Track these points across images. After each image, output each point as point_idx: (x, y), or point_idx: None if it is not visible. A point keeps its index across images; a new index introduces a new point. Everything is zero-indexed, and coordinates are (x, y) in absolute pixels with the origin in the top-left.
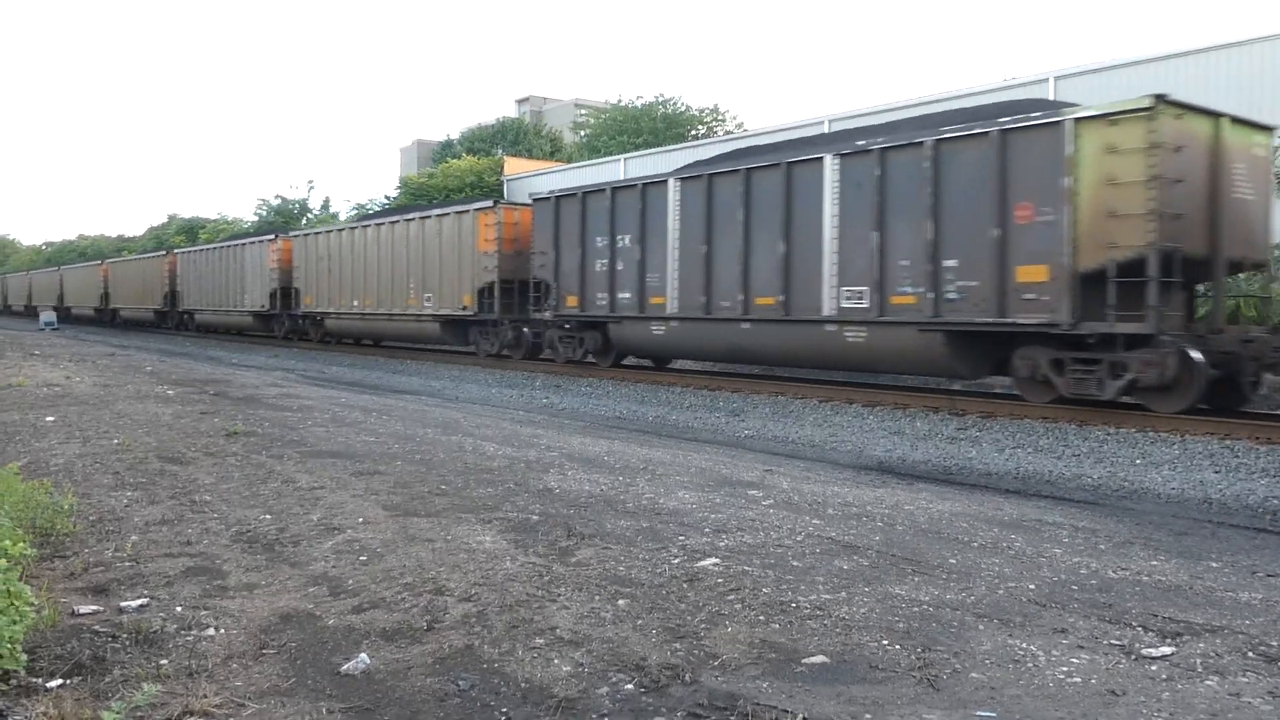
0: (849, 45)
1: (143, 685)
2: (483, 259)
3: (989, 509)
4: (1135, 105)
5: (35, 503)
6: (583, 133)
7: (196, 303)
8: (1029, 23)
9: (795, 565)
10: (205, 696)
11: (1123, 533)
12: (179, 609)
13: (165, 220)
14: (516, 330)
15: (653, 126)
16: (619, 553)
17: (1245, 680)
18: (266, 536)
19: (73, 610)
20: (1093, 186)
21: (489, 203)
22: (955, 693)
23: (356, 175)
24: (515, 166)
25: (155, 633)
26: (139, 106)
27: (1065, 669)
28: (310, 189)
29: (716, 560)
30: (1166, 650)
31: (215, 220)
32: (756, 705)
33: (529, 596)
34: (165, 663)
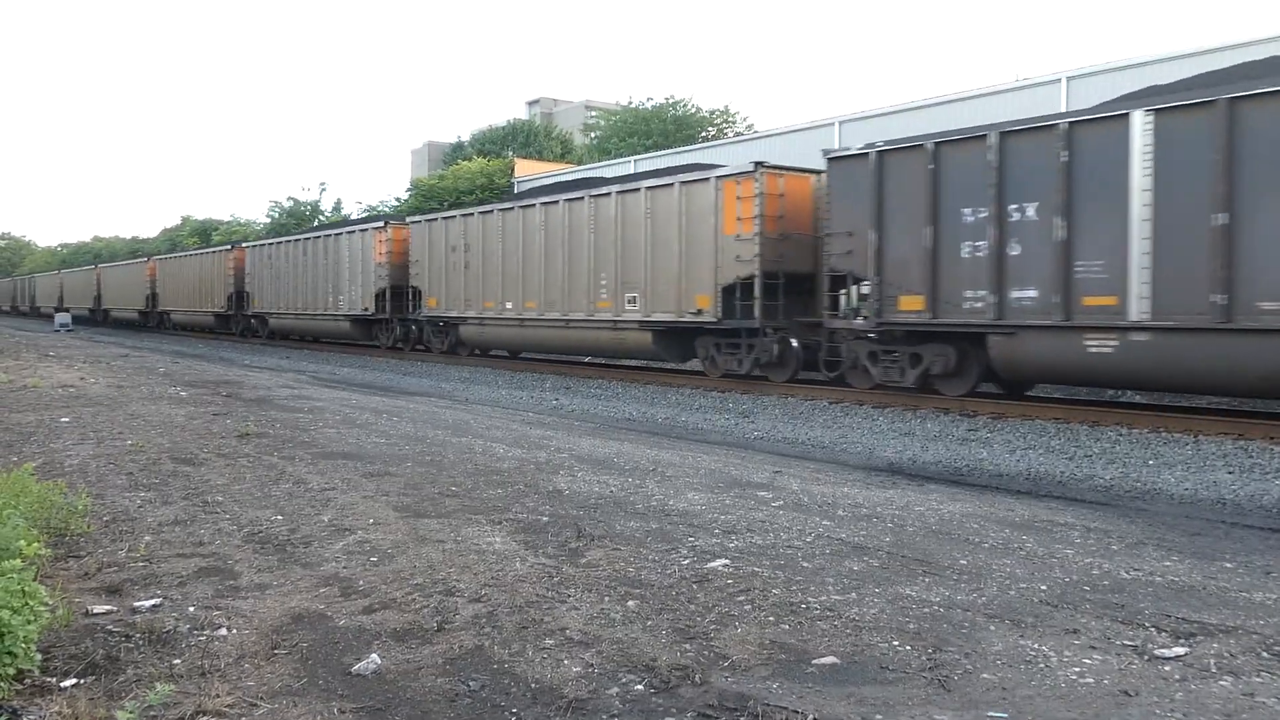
0: (859, 46)
1: (156, 685)
2: (735, 246)
3: (1000, 510)
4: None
5: (50, 503)
6: (593, 134)
7: (272, 305)
8: (1042, 24)
9: (805, 566)
10: (218, 696)
11: (1135, 533)
12: (192, 609)
13: (179, 222)
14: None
15: (663, 128)
16: (629, 554)
17: (1259, 680)
18: (278, 537)
19: (87, 610)
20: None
21: (748, 168)
22: (967, 693)
23: (368, 177)
24: (526, 168)
25: (168, 633)
26: (152, 109)
27: (1077, 669)
28: (323, 190)
29: (726, 561)
30: (1180, 651)
31: (228, 222)
32: (767, 706)
33: (539, 597)
34: (178, 662)
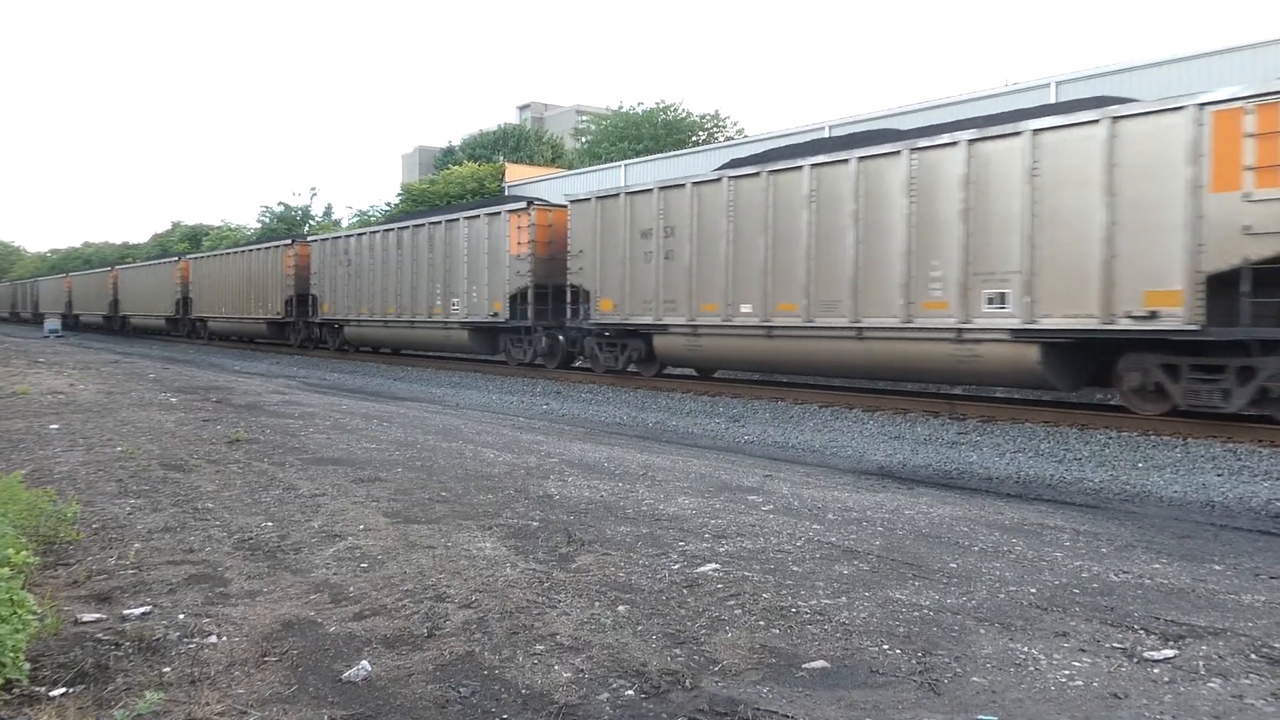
0: (850, 51)
1: (145, 693)
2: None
3: (990, 513)
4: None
5: (39, 510)
6: (584, 139)
7: (347, 310)
8: (1032, 28)
9: (795, 570)
10: (208, 704)
11: (1124, 536)
12: (181, 616)
13: (169, 227)
14: None
15: (654, 133)
16: (619, 559)
17: (1248, 682)
18: (268, 544)
19: (76, 618)
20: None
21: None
22: (956, 696)
23: (359, 182)
24: (517, 173)
25: (158, 640)
26: (142, 114)
27: (1067, 672)
28: (313, 195)
29: (716, 566)
30: (1169, 653)
31: (219, 227)
32: (757, 710)
33: (529, 603)
34: (168, 670)
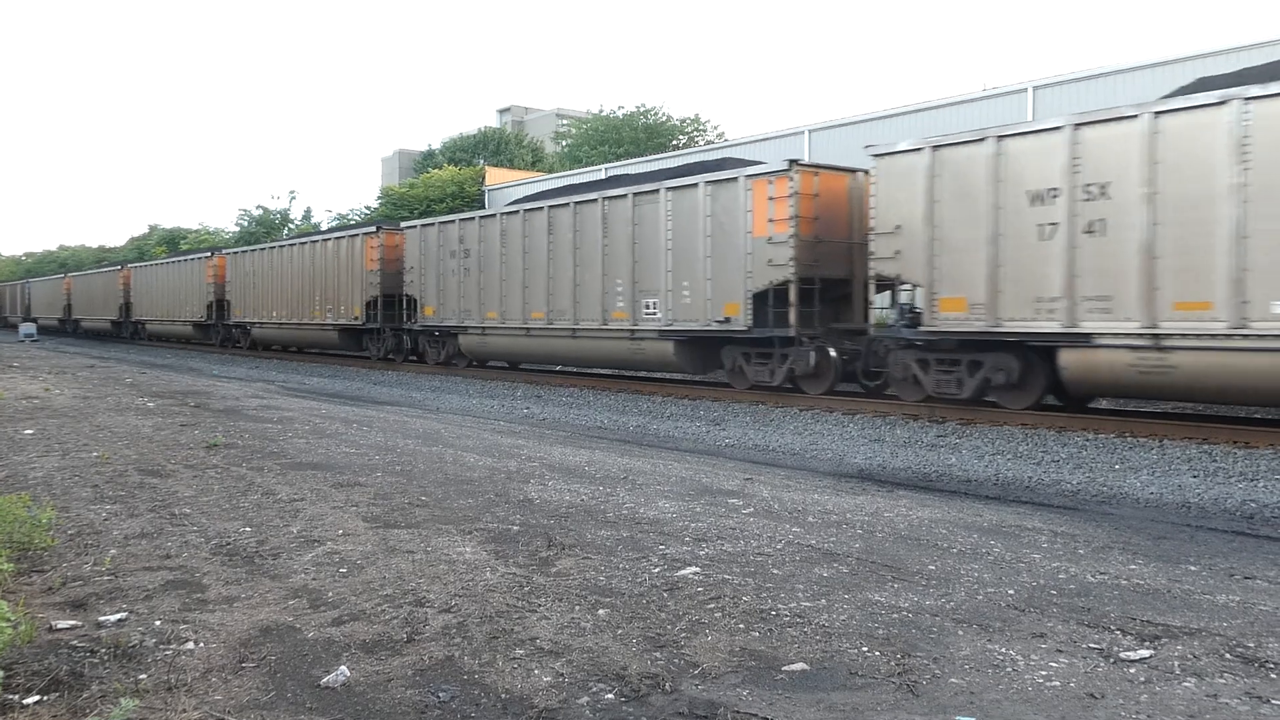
0: (831, 56)
1: (121, 700)
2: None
3: (968, 515)
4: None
5: (13, 517)
6: (564, 142)
7: (454, 313)
8: (1009, 32)
9: (775, 573)
10: (184, 711)
11: (1101, 537)
12: (158, 623)
13: (146, 231)
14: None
15: (634, 136)
16: (599, 562)
17: (1223, 681)
18: (246, 549)
19: (50, 625)
20: None
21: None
22: (935, 698)
23: (338, 185)
24: (497, 176)
25: (134, 647)
26: (118, 116)
27: (1044, 673)
28: (292, 199)
29: (697, 569)
30: (1145, 653)
31: (197, 231)
32: (737, 713)
33: (509, 607)
34: (144, 677)
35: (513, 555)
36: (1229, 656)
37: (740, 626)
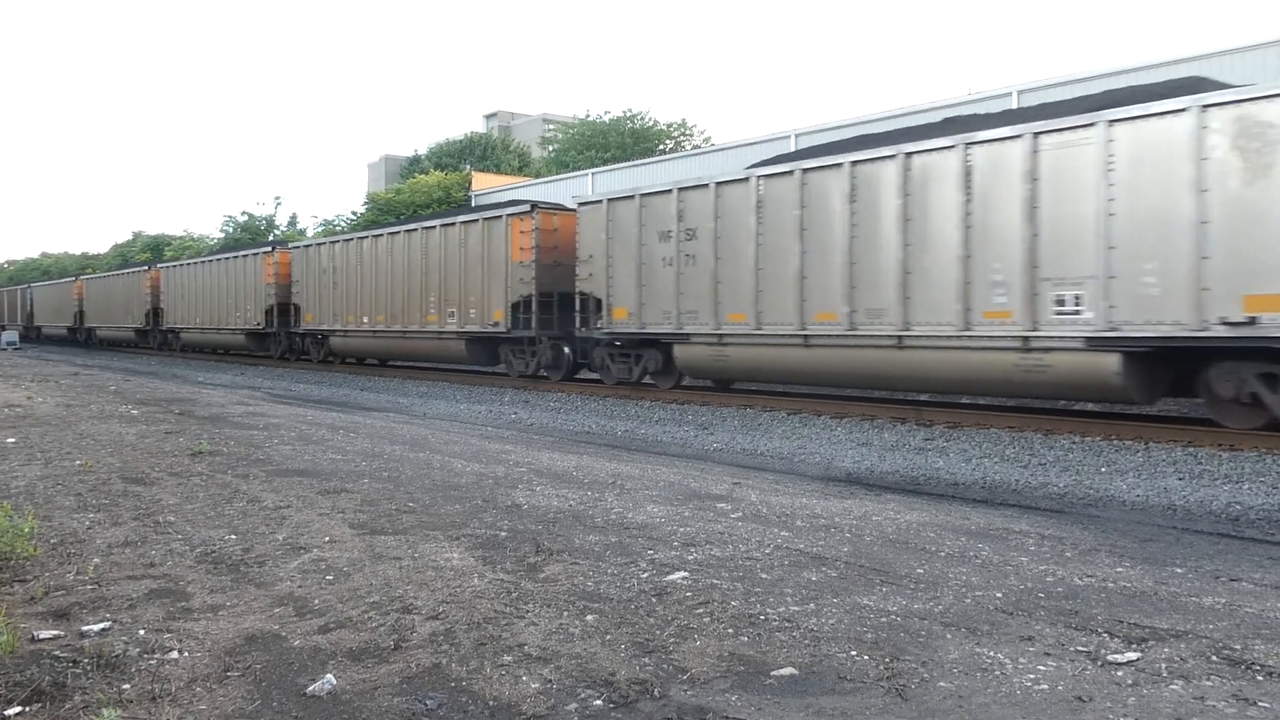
0: (816, 60)
1: (103, 711)
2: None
3: (956, 518)
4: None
5: None
6: (551, 147)
7: (677, 313)
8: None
9: (764, 577)
10: None
11: (1088, 540)
12: (142, 632)
13: (130, 238)
14: None
15: (620, 141)
16: (587, 568)
17: (1209, 684)
18: (231, 557)
19: (33, 635)
20: None
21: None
22: (923, 702)
23: (324, 191)
24: (483, 182)
25: (117, 657)
26: (101, 122)
27: (1032, 676)
28: (277, 205)
29: (685, 574)
30: (1132, 656)
31: (181, 237)
32: (725, 719)
33: (497, 613)
34: (127, 687)
35: (500, 561)
36: (1215, 659)
37: (729, 631)
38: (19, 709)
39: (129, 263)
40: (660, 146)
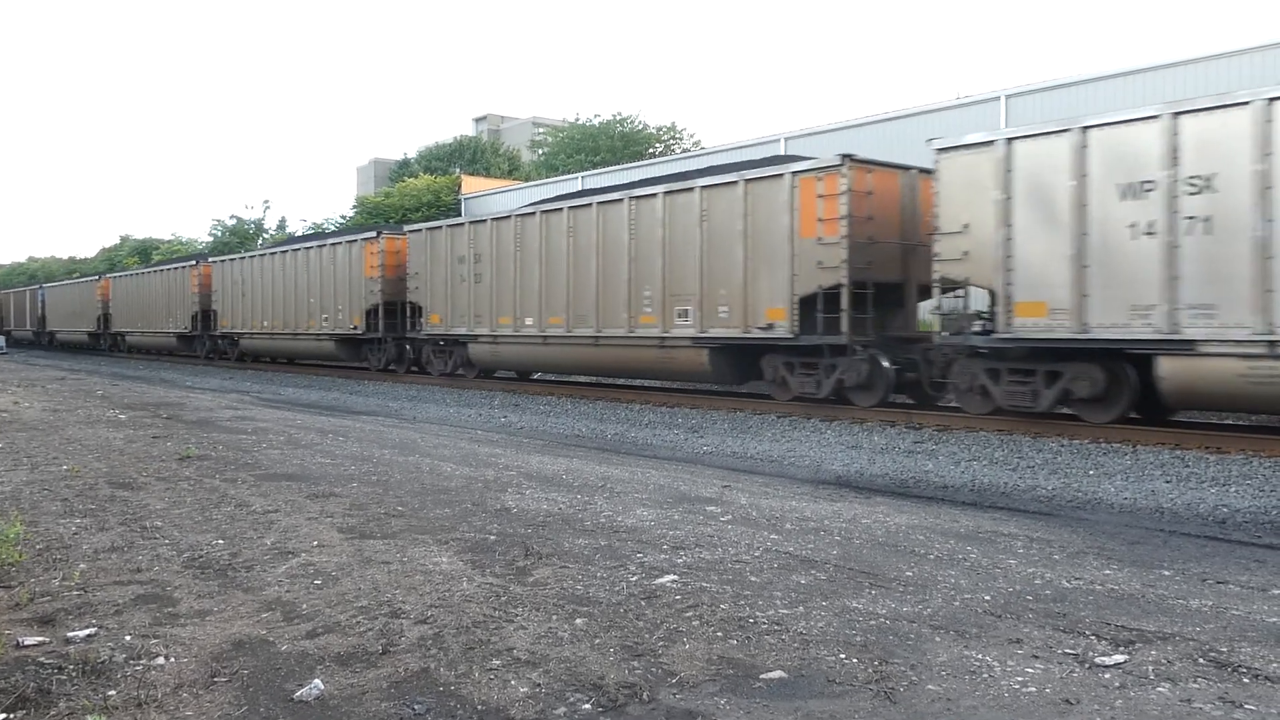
0: (807, 64)
1: (89, 717)
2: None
3: (945, 521)
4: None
5: None
6: (540, 151)
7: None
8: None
9: (753, 581)
10: None
11: (1076, 543)
12: (128, 638)
13: (118, 241)
14: None
15: (610, 145)
16: (577, 571)
17: (1196, 686)
18: (219, 562)
19: (18, 642)
20: None
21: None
22: (912, 705)
23: (313, 194)
24: (473, 185)
25: (103, 663)
26: (88, 125)
27: (1020, 679)
28: (266, 209)
29: (675, 577)
30: (1119, 658)
31: (169, 241)
32: None
33: (486, 617)
34: (113, 693)
35: (490, 565)
36: (1203, 661)
37: (718, 635)
38: (4, 716)
39: (170, 258)
40: (650, 150)
